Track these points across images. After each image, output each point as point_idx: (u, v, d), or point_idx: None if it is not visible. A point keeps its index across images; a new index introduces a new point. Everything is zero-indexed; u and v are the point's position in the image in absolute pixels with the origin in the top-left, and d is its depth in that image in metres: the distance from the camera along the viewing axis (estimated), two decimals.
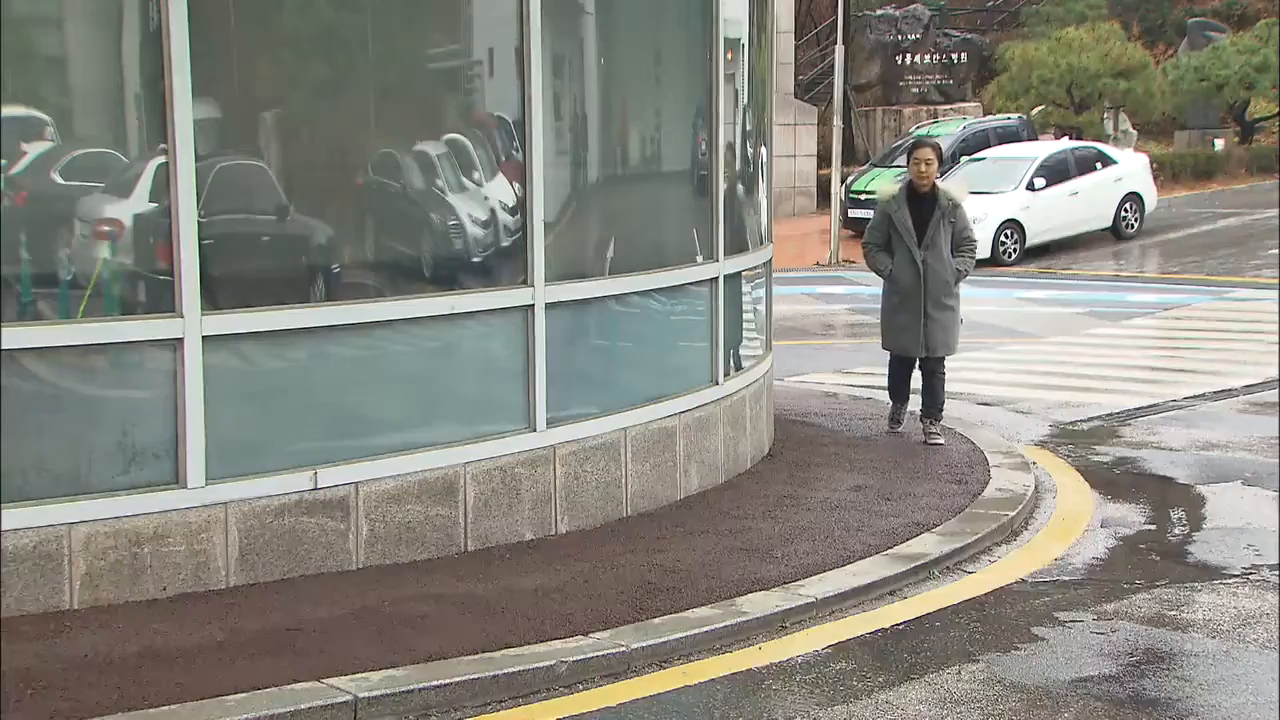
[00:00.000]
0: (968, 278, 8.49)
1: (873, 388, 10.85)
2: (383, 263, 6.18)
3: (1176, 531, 7.00)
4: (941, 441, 8.40)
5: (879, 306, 8.90)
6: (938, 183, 8.36)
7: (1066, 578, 6.21)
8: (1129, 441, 9.08)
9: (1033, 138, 25.70)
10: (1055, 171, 21.50)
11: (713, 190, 7.41)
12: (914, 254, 8.32)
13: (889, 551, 6.27)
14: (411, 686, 4.64)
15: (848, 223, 24.66)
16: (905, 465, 7.96)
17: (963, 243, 8.42)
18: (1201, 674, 5.02)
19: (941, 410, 8.62)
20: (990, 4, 37.22)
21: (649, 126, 7.39)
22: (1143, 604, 5.80)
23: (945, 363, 8.70)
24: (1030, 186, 21.19)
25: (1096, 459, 8.59)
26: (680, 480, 7.19)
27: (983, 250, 20.67)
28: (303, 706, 4.46)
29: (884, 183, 8.21)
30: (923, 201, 8.35)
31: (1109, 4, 33.98)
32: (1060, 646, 5.31)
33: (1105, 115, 29.13)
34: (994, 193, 21.23)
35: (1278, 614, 5.62)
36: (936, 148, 8.48)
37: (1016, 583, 6.13)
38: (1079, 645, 5.32)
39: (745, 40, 7.92)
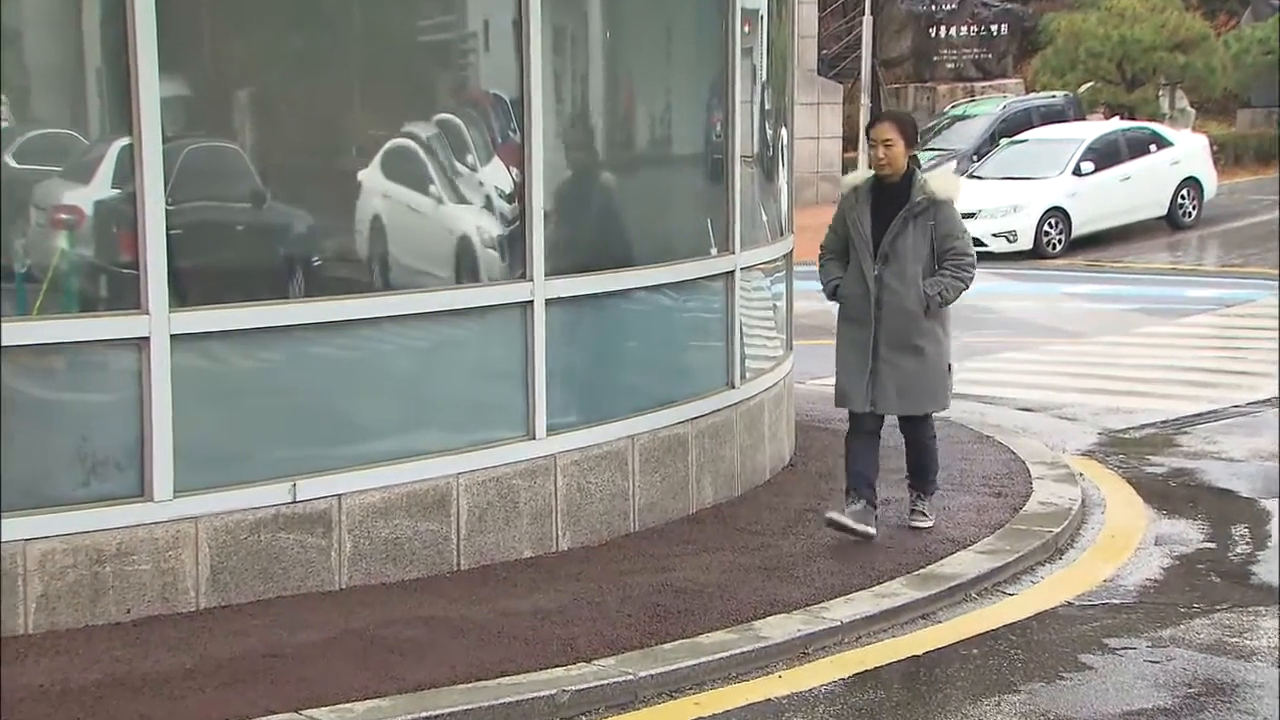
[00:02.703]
0: (955, 300, 6.59)
1: None
2: (368, 255, 6.19)
3: (1238, 550, 7.01)
4: (928, 524, 6.89)
5: None
6: (920, 174, 6.61)
7: (1117, 601, 6.22)
8: (1186, 451, 9.08)
9: (1080, 118, 25.72)
10: (1105, 154, 21.50)
11: (728, 176, 7.42)
12: (865, 268, 6.58)
13: (921, 571, 6.28)
14: (399, 718, 4.65)
15: None
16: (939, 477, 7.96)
17: (946, 254, 6.50)
18: (1266, 707, 5.02)
19: (933, 481, 6.97)
20: None
21: (659, 106, 7.41)
22: (1201, 630, 5.81)
23: (930, 421, 6.90)
24: (1077, 171, 21.19)
25: (1150, 470, 8.59)
26: (693, 492, 7.20)
27: (1025, 241, 20.91)
28: None
29: (855, 172, 6.87)
30: (891, 195, 6.57)
31: None
32: (1110, 676, 5.32)
33: (1160, 92, 29.11)
34: (1037, 178, 21.23)
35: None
36: (901, 121, 6.65)
37: (1062, 606, 6.14)
38: (1131, 675, 5.33)
39: (764, 11, 7.94)
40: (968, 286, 6.59)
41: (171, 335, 5.41)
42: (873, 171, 6.68)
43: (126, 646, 5.15)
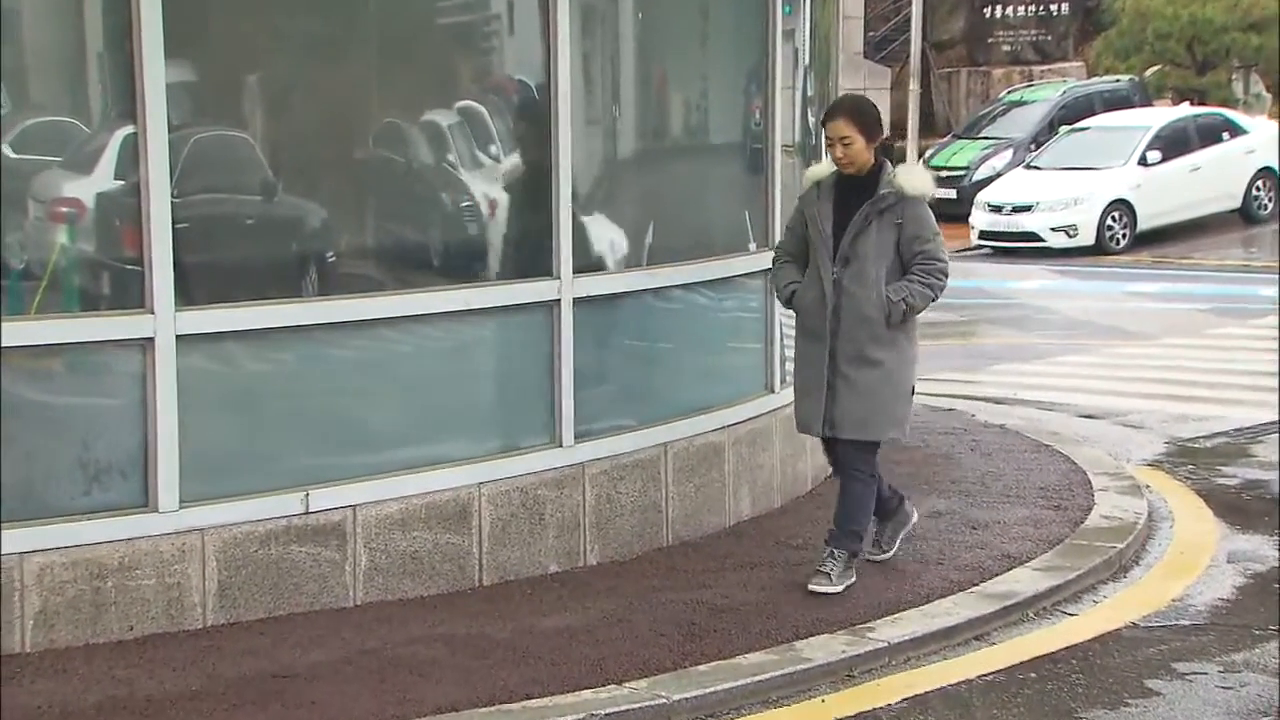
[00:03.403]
0: (922, 310, 6.15)
1: (954, 396, 10.83)
2: (385, 251, 6.22)
3: None
4: (829, 590, 6.12)
5: (957, 302, 7.85)
6: (891, 166, 6.24)
7: (1186, 622, 6.19)
8: (1261, 461, 9.03)
9: (1147, 104, 25.58)
10: (1173, 143, 21.39)
11: (768, 167, 7.42)
12: (824, 271, 6.16)
13: (975, 589, 6.26)
14: None
15: None
16: (993, 487, 7.95)
17: (915, 259, 6.09)
18: None
19: (854, 533, 6.27)
20: None
21: (694, 92, 7.41)
22: (1277, 653, 5.77)
23: (873, 458, 6.31)
24: (1143, 161, 21.10)
25: (1222, 482, 8.55)
26: (729, 503, 7.20)
27: (1086, 236, 20.84)
28: None
29: (819, 164, 6.52)
30: (857, 190, 6.16)
31: None
32: (1179, 703, 5.29)
33: (1234, 76, 28.93)
34: (1099, 169, 21.14)
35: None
36: (856, 112, 6.15)
37: (1126, 627, 6.11)
38: (1200, 701, 5.30)
39: None
40: (937, 296, 6.15)
41: (178, 336, 5.44)
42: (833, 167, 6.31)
43: (129, 666, 5.18)
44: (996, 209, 21.53)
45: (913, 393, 6.35)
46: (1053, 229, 20.76)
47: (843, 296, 6.11)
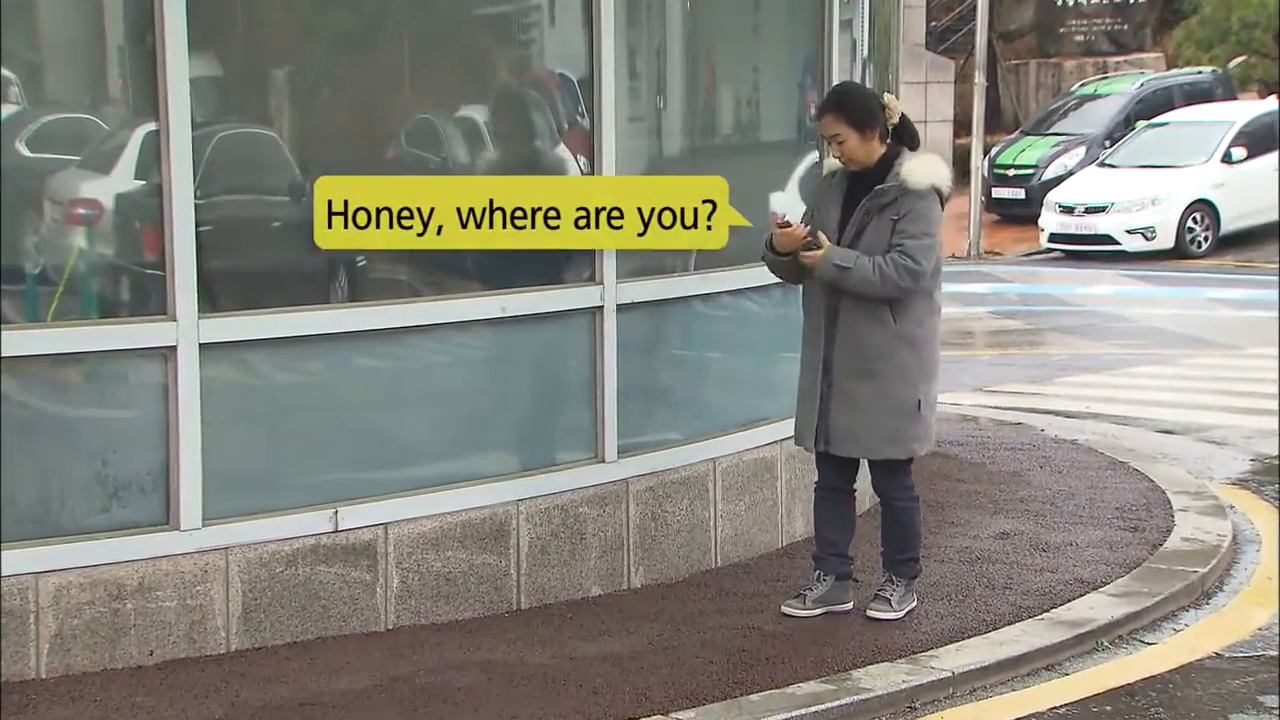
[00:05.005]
0: (863, 291, 5.86)
1: (1022, 410, 10.81)
2: (419, 255, 6.26)
3: None
4: (890, 616, 6.11)
5: (1024, 309, 7.52)
6: (906, 156, 5.98)
7: (1273, 652, 6.16)
8: None
9: (1231, 97, 25.47)
10: (1259, 139, 21.29)
11: (823, 165, 7.42)
12: None
13: (1045, 615, 6.25)
14: None
15: (991, 205, 24.56)
16: (1065, 507, 7.93)
17: (892, 250, 5.84)
18: None
19: (910, 559, 6.24)
20: None
21: (745, 86, 7.44)
22: None
23: (907, 478, 6.17)
24: (1226, 158, 21.01)
25: None
26: (782, 523, 7.21)
27: (1165, 239, 20.77)
28: None
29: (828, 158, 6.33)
30: (867, 184, 5.99)
31: None
32: None
33: None
34: (1179, 167, 21.07)
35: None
36: (843, 107, 5.99)
37: (1209, 658, 6.09)
38: None
39: None
40: (885, 291, 5.82)
41: (201, 344, 5.48)
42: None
43: (149, 693, 5.23)
44: (1068, 210, 21.47)
45: (919, 408, 5.99)
46: (1129, 231, 20.69)
47: (842, 299, 5.95)
